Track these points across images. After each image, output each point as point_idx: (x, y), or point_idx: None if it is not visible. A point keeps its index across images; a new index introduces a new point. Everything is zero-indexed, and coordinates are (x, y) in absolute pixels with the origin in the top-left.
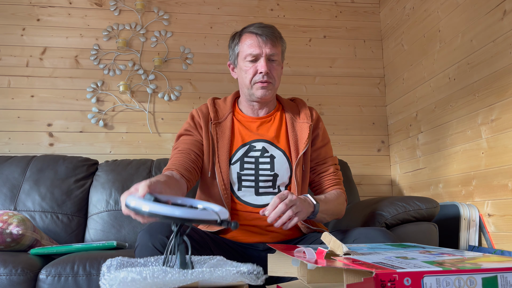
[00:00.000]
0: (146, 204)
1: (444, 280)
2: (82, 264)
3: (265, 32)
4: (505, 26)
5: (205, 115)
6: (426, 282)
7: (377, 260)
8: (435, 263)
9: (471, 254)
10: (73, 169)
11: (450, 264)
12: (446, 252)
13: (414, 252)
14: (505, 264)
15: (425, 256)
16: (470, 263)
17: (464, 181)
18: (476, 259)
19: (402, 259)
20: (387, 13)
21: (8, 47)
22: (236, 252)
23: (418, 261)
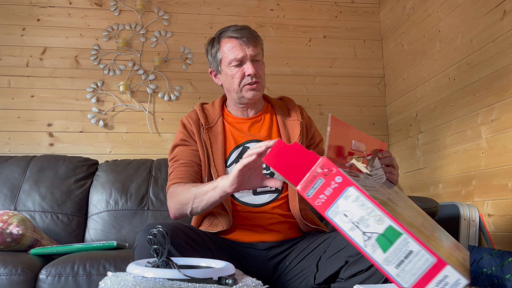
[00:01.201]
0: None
1: (362, 200)
2: (82, 264)
3: (244, 34)
4: (505, 26)
5: (196, 121)
6: (349, 191)
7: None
8: (378, 199)
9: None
10: (73, 169)
11: (383, 200)
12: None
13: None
14: (424, 247)
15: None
16: (400, 215)
17: (464, 181)
18: (413, 226)
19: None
20: (387, 13)
21: (8, 47)
22: (236, 252)
23: (376, 189)
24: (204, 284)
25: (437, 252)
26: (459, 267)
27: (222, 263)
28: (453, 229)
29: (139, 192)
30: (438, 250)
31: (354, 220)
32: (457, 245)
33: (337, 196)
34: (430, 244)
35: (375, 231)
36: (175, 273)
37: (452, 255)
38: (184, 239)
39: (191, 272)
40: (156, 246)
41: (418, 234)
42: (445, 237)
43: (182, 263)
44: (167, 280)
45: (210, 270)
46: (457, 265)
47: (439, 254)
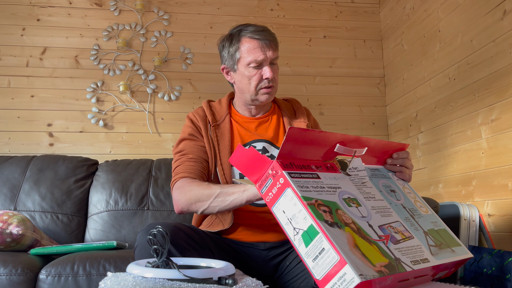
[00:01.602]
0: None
1: (295, 201)
2: (82, 264)
3: (266, 36)
4: (505, 26)
5: (203, 118)
6: (287, 192)
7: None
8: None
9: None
10: (73, 169)
11: (329, 201)
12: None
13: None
14: (335, 238)
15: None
16: (331, 215)
17: (464, 181)
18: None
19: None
20: (387, 13)
21: (8, 47)
22: (236, 252)
23: (337, 193)
24: (204, 284)
25: (345, 252)
26: (374, 271)
27: (222, 263)
28: (453, 229)
29: (139, 192)
30: (353, 251)
31: (288, 216)
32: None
33: (280, 195)
34: (350, 245)
35: (302, 227)
36: (175, 273)
37: (391, 261)
38: (184, 239)
39: (191, 272)
40: (156, 246)
41: (337, 234)
42: (424, 240)
43: (182, 263)
44: (167, 280)
45: (210, 270)
46: (376, 269)
47: (345, 254)
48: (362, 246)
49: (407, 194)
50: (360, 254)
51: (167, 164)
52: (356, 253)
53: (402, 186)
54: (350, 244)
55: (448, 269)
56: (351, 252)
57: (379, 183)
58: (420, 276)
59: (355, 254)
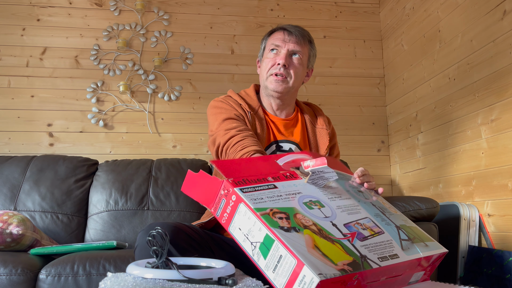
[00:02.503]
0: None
1: (248, 214)
2: (82, 264)
3: (293, 30)
4: (505, 26)
5: (238, 104)
6: (240, 207)
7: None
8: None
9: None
10: (73, 169)
11: (289, 208)
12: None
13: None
14: (290, 241)
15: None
16: (289, 223)
17: (464, 181)
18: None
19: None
20: (387, 13)
21: (8, 47)
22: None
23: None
24: (204, 284)
25: (302, 254)
26: (335, 270)
27: (222, 263)
28: (454, 229)
29: (139, 192)
30: (312, 252)
31: (244, 232)
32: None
33: (234, 213)
34: (308, 246)
35: (258, 240)
36: (175, 274)
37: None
38: (185, 239)
39: (190, 273)
40: (156, 247)
41: (294, 239)
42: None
43: (182, 262)
44: (167, 281)
45: (209, 270)
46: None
47: (302, 256)
48: (323, 246)
49: (376, 196)
50: (320, 254)
51: (167, 164)
52: (315, 253)
53: (369, 191)
54: (309, 245)
55: (424, 270)
56: (309, 253)
57: (346, 184)
58: (393, 277)
59: (314, 255)
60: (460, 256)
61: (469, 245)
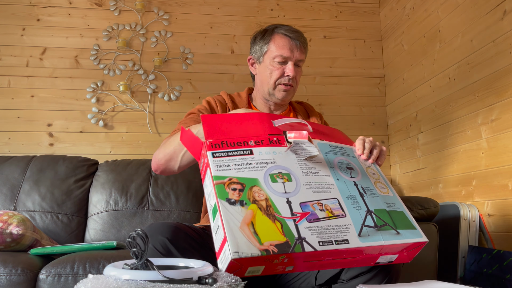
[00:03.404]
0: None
1: (209, 180)
2: (82, 264)
3: (298, 37)
4: (505, 26)
5: (223, 105)
6: (208, 172)
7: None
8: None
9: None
10: (73, 169)
11: (250, 178)
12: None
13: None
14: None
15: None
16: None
17: (464, 181)
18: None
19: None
20: (387, 13)
21: (8, 47)
22: None
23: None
24: (184, 284)
25: (231, 230)
26: (257, 249)
27: (201, 263)
28: (453, 229)
29: (139, 192)
30: (243, 229)
31: (207, 192)
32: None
33: (205, 174)
34: (243, 222)
35: (211, 204)
36: (155, 274)
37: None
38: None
39: (171, 273)
40: (135, 249)
41: (233, 213)
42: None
43: (160, 263)
44: (148, 282)
45: (190, 270)
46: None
47: (229, 232)
48: (260, 224)
49: (370, 174)
50: (250, 232)
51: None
52: (246, 231)
53: (366, 167)
54: (245, 222)
55: (397, 253)
56: (240, 230)
57: (335, 160)
58: (344, 258)
59: (243, 232)
60: (460, 256)
61: (469, 245)
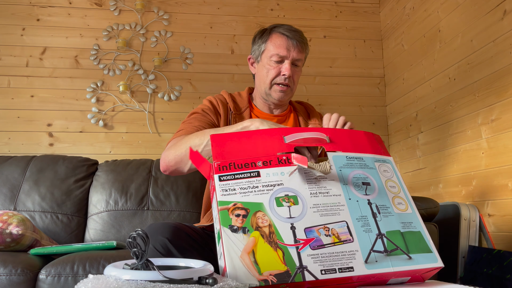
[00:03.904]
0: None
1: (215, 204)
2: (82, 264)
3: (295, 36)
4: (505, 26)
5: (224, 104)
6: (214, 194)
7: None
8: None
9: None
10: (73, 169)
11: (255, 203)
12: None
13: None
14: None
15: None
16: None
17: (464, 181)
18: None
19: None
20: (387, 13)
21: (8, 47)
22: None
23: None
24: (184, 284)
25: (231, 260)
26: (256, 280)
27: (201, 262)
28: (453, 229)
29: (139, 192)
30: (243, 259)
31: (214, 215)
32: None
33: (213, 196)
34: (244, 251)
35: (217, 228)
36: (155, 274)
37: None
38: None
39: (171, 273)
40: (136, 249)
41: (235, 241)
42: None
43: (160, 263)
44: (149, 282)
45: (190, 270)
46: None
47: (229, 262)
48: (261, 252)
49: (389, 188)
50: (250, 261)
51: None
52: (246, 260)
53: (387, 179)
54: (246, 250)
55: (409, 276)
56: (240, 259)
57: (351, 175)
58: (350, 283)
59: (243, 262)
60: (460, 256)
61: (469, 245)
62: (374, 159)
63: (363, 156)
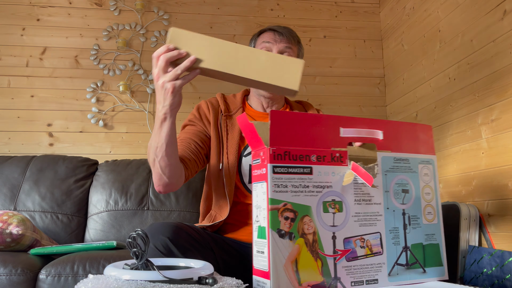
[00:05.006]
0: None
1: (263, 196)
2: (82, 264)
3: (282, 30)
4: (505, 26)
5: (215, 107)
6: (263, 184)
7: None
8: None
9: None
10: (73, 169)
11: (301, 205)
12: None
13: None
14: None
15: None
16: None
17: (464, 181)
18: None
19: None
20: (387, 13)
21: (8, 47)
22: (238, 252)
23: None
24: (184, 284)
25: (275, 267)
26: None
27: (201, 262)
28: (454, 229)
29: (139, 192)
30: (286, 267)
31: (257, 203)
32: None
33: (259, 180)
34: (288, 260)
35: (260, 221)
36: (155, 274)
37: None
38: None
39: (171, 274)
40: (136, 249)
41: (281, 247)
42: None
43: (160, 263)
44: (149, 282)
45: (190, 270)
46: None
47: (274, 270)
48: (303, 261)
49: (424, 195)
50: (292, 271)
51: None
52: (288, 269)
53: (425, 185)
54: (290, 259)
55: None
56: (284, 268)
57: (394, 180)
58: None
59: (286, 271)
60: (460, 256)
61: (469, 245)
62: (419, 160)
63: (410, 157)
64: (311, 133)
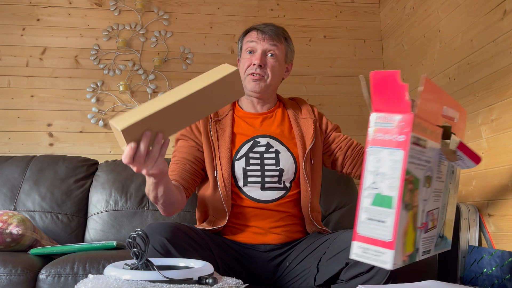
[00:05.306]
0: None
1: (396, 165)
2: (82, 264)
3: (266, 29)
4: (505, 26)
5: None
6: (397, 152)
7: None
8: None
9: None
10: (73, 169)
11: (416, 178)
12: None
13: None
14: None
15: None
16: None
17: (464, 181)
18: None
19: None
20: (387, 13)
21: (8, 47)
22: (236, 253)
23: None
24: (184, 284)
25: (398, 238)
26: (401, 260)
27: (201, 262)
28: (454, 229)
29: (139, 192)
30: (403, 239)
31: (379, 170)
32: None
33: (387, 146)
34: (404, 231)
35: (381, 190)
36: (155, 274)
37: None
38: (184, 239)
39: (171, 274)
40: (136, 249)
41: (403, 218)
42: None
43: (160, 263)
44: (149, 282)
45: (190, 270)
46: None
47: (397, 240)
48: (409, 232)
49: (456, 176)
50: (404, 242)
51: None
52: (403, 240)
53: (457, 167)
54: (405, 230)
55: None
56: (401, 239)
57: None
58: None
59: (402, 242)
60: (460, 256)
61: (469, 245)
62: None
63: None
64: (432, 107)
